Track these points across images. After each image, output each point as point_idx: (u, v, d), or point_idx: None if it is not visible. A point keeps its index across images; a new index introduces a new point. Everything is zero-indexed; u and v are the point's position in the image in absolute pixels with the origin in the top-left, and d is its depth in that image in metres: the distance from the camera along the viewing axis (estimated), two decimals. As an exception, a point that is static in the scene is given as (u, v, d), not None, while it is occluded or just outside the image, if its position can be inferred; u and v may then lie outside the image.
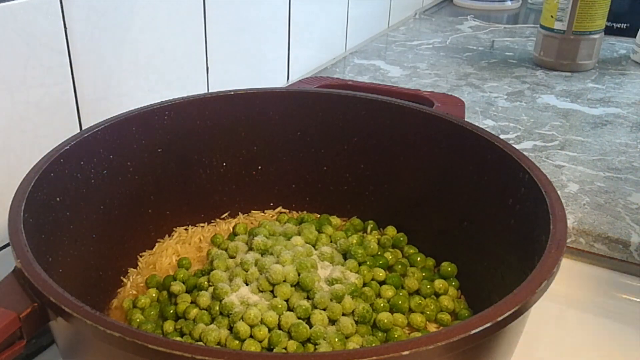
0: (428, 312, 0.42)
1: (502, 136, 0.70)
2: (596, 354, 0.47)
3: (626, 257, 0.54)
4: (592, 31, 0.93)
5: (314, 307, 0.40)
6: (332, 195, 0.53)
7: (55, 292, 0.28)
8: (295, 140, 0.52)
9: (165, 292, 0.44)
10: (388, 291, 0.43)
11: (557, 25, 0.93)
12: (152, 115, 0.47)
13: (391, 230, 0.50)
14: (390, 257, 0.47)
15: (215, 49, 0.68)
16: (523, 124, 0.77)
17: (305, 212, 0.54)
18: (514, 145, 0.42)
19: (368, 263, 0.46)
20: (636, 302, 0.52)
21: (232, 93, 0.50)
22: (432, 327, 0.42)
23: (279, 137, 0.52)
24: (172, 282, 0.44)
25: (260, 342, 0.39)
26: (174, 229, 0.51)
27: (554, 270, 0.30)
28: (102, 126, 0.43)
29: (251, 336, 0.39)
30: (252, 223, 0.53)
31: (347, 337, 0.39)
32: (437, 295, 0.44)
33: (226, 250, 0.47)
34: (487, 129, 0.47)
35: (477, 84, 0.91)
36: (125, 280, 0.46)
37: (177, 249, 0.49)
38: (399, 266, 0.46)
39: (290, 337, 0.38)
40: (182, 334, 0.41)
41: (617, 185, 0.62)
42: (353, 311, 0.41)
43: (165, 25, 0.60)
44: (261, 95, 0.51)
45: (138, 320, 0.42)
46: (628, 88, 0.90)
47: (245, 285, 0.43)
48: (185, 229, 0.52)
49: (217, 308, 0.41)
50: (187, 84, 0.65)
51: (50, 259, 0.37)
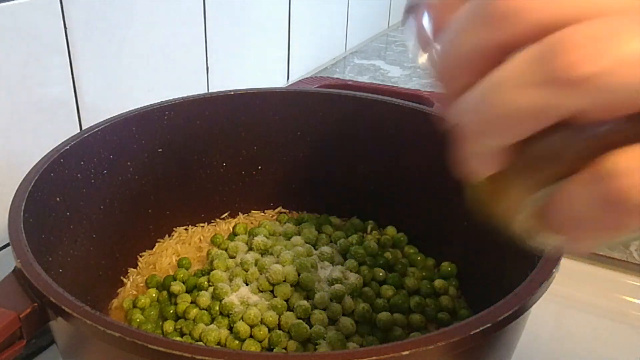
0: (428, 312, 0.42)
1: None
2: (596, 354, 0.47)
3: (626, 257, 0.54)
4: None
5: (314, 307, 0.40)
6: (332, 195, 0.53)
7: (55, 292, 0.28)
8: (295, 140, 0.52)
9: (165, 292, 0.44)
10: (388, 291, 0.43)
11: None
12: (152, 115, 0.47)
13: (391, 230, 0.50)
14: (390, 257, 0.47)
15: (215, 49, 0.68)
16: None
17: (305, 212, 0.54)
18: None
19: (368, 263, 0.46)
20: (636, 302, 0.52)
21: (232, 93, 0.50)
22: (432, 327, 0.42)
23: (279, 137, 0.52)
24: (172, 282, 0.44)
25: (260, 342, 0.39)
26: (174, 229, 0.51)
27: (554, 270, 0.30)
28: (102, 126, 0.43)
29: (251, 336, 0.39)
30: (252, 223, 0.53)
31: (347, 337, 0.39)
32: (437, 295, 0.44)
33: (226, 250, 0.47)
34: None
35: (477, 84, 0.91)
36: (125, 280, 0.46)
37: (177, 249, 0.49)
38: (399, 266, 0.46)
39: (290, 337, 0.38)
40: (182, 334, 0.41)
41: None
42: (353, 311, 0.41)
43: (165, 25, 0.60)
44: (261, 95, 0.51)
45: (138, 320, 0.42)
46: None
47: (245, 285, 0.43)
48: (185, 229, 0.52)
49: (217, 308, 0.41)
50: (187, 84, 0.65)
51: (50, 259, 0.37)
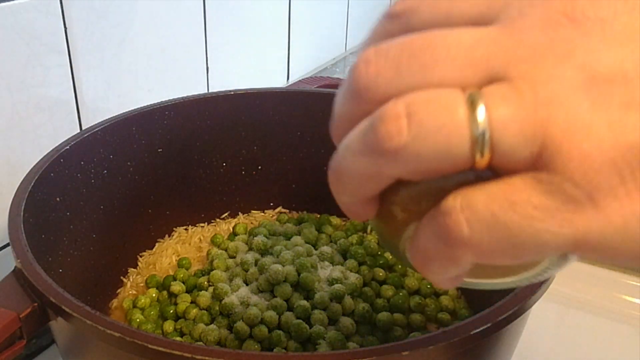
0: (428, 312, 0.42)
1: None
2: (596, 354, 0.47)
3: (626, 257, 0.54)
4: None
5: (314, 307, 0.40)
6: (332, 195, 0.53)
7: (55, 292, 0.28)
8: (295, 140, 0.52)
9: (165, 292, 0.44)
10: (388, 291, 0.43)
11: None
12: (152, 115, 0.47)
13: (391, 230, 0.50)
14: (391, 257, 0.47)
15: (215, 49, 0.68)
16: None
17: (305, 212, 0.54)
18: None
19: (368, 263, 0.46)
20: (636, 302, 0.52)
21: (232, 93, 0.50)
22: (432, 327, 0.42)
23: (279, 137, 0.52)
24: (172, 282, 0.44)
25: (260, 342, 0.39)
26: (174, 229, 0.51)
27: (554, 270, 0.30)
28: (102, 126, 0.43)
29: (251, 336, 0.39)
30: (252, 223, 0.53)
31: (347, 337, 0.39)
32: (437, 295, 0.44)
33: (226, 250, 0.47)
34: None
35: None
36: (125, 280, 0.46)
37: (177, 249, 0.49)
38: (399, 266, 0.46)
39: (290, 337, 0.38)
40: (182, 334, 0.41)
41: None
42: (353, 311, 0.41)
43: (165, 25, 0.60)
44: (261, 95, 0.51)
45: (138, 320, 0.42)
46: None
47: (245, 285, 0.43)
48: (185, 229, 0.52)
49: (217, 308, 0.41)
50: (187, 84, 0.65)
51: (50, 259, 0.37)
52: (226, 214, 0.53)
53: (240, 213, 0.54)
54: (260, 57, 0.79)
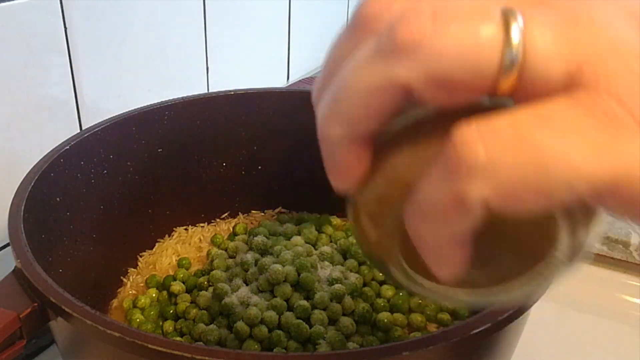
0: (428, 312, 0.42)
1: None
2: (596, 354, 0.47)
3: (626, 257, 0.54)
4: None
5: (314, 307, 0.40)
6: (332, 195, 0.53)
7: (55, 292, 0.28)
8: (295, 140, 0.52)
9: (165, 292, 0.44)
10: (388, 291, 0.43)
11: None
12: (152, 115, 0.47)
13: (391, 230, 0.50)
14: (390, 257, 0.47)
15: (215, 49, 0.68)
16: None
17: (305, 212, 0.54)
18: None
19: (368, 263, 0.46)
20: (636, 302, 0.52)
21: (232, 93, 0.50)
22: (432, 327, 0.42)
23: (279, 137, 0.52)
24: (172, 282, 0.44)
25: (260, 342, 0.39)
26: (174, 229, 0.51)
27: (554, 270, 0.30)
28: (102, 126, 0.43)
29: (251, 336, 0.39)
30: (252, 223, 0.53)
31: (347, 337, 0.39)
32: (437, 295, 0.44)
33: (226, 250, 0.47)
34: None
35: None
36: (125, 280, 0.46)
37: (177, 249, 0.49)
38: (399, 266, 0.46)
39: (290, 337, 0.38)
40: (182, 334, 0.41)
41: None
42: (353, 311, 0.41)
43: (165, 25, 0.60)
44: (261, 95, 0.51)
45: (138, 320, 0.42)
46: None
47: (245, 285, 0.43)
48: (185, 229, 0.52)
49: (217, 308, 0.41)
50: (187, 84, 0.65)
51: (50, 259, 0.37)
52: (226, 214, 0.53)
53: (240, 213, 0.54)
54: (260, 57, 0.79)
